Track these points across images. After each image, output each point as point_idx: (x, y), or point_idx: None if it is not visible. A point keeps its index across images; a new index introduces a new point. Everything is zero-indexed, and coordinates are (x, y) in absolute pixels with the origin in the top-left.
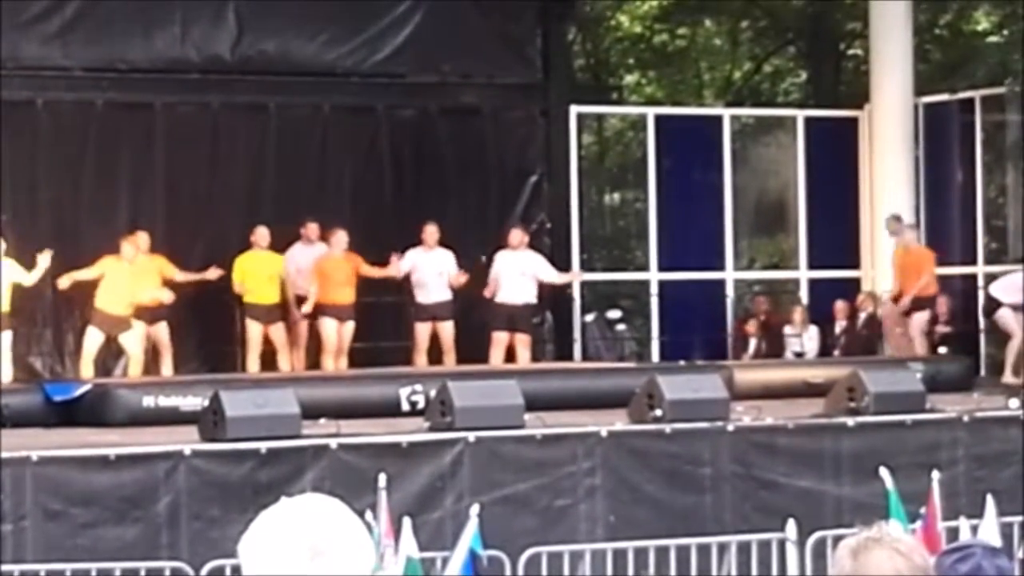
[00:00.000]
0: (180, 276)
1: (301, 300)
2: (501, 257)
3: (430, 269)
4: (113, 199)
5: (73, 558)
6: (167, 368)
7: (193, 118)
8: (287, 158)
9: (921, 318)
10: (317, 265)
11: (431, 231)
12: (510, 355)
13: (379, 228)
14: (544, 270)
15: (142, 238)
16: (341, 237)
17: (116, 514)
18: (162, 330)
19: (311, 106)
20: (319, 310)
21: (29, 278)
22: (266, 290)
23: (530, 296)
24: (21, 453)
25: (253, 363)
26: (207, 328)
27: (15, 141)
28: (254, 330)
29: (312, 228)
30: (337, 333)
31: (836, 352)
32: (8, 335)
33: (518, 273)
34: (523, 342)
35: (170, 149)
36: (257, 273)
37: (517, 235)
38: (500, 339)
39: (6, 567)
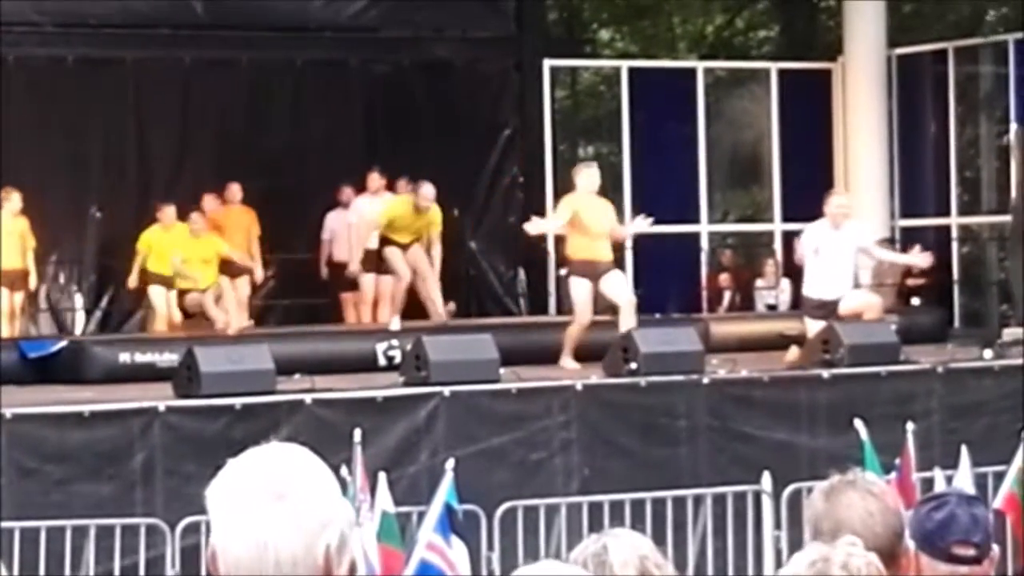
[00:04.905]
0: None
1: (366, 254)
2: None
3: None
4: (84, 155)
5: (47, 515)
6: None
7: (164, 73)
8: (260, 113)
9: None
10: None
11: (374, 177)
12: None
13: (352, 184)
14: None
15: (14, 196)
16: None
17: (91, 471)
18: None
19: (283, 61)
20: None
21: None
22: None
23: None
24: None
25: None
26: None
27: None
28: None
29: (374, 178)
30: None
31: None
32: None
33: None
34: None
35: (141, 105)
36: None
37: (376, 179)
38: (349, 299)
39: None
